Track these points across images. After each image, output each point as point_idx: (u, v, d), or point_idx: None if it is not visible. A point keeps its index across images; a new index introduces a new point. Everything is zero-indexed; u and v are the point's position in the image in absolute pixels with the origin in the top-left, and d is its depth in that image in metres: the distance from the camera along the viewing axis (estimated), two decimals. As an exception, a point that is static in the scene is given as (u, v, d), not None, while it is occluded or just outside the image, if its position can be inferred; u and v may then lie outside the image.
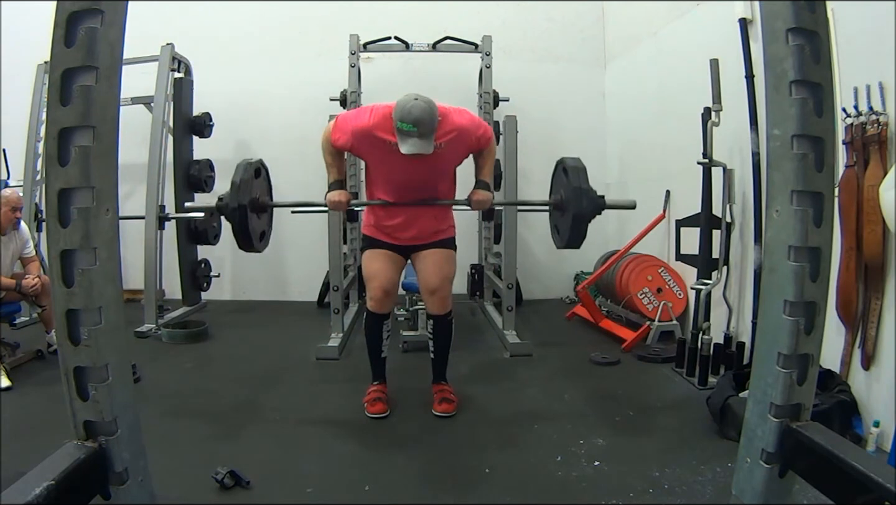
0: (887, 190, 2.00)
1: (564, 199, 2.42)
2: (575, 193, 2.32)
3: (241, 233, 2.34)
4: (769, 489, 1.44)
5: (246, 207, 2.31)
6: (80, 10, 1.16)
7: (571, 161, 2.44)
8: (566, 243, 2.47)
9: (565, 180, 2.42)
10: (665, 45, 4.17)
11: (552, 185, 2.62)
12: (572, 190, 2.34)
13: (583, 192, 2.32)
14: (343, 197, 2.49)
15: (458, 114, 2.45)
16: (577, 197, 2.32)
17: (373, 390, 2.66)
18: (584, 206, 2.31)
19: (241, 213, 2.29)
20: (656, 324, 3.66)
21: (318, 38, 5.15)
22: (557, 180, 2.56)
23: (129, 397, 1.36)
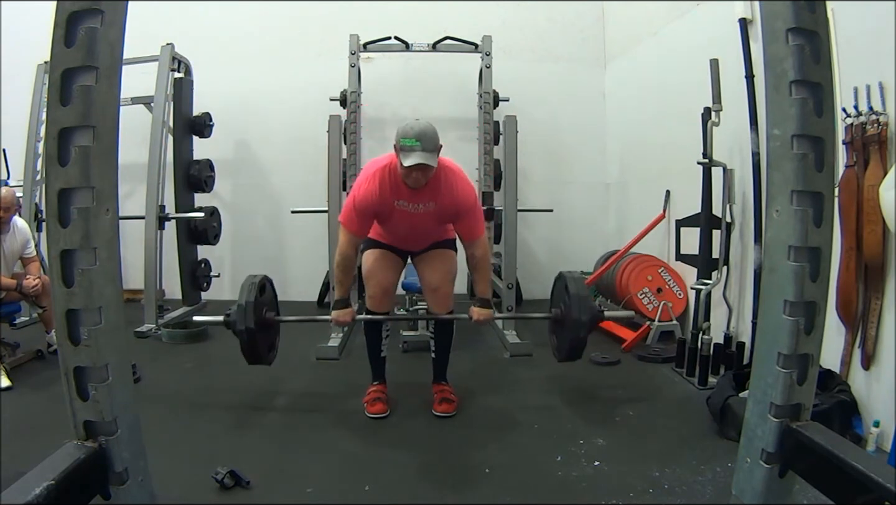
0: (887, 190, 2.00)
1: (563, 315, 2.55)
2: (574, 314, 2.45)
3: (251, 351, 2.47)
4: (769, 489, 1.44)
5: (254, 329, 2.42)
6: (80, 10, 1.17)
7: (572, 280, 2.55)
8: (566, 357, 2.61)
9: (566, 297, 2.53)
10: (665, 45, 4.17)
11: (552, 296, 2.74)
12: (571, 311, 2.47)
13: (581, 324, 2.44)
14: (348, 317, 2.57)
15: (457, 177, 2.46)
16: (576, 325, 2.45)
17: (373, 390, 2.66)
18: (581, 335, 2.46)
19: (248, 334, 2.41)
20: (656, 324, 3.66)
21: (318, 38, 5.15)
22: (558, 294, 2.66)
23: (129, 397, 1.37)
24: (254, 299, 2.43)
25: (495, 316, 2.69)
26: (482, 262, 2.54)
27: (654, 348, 3.49)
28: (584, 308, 2.45)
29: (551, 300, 2.73)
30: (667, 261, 3.95)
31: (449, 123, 5.05)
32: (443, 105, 5.11)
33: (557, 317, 2.61)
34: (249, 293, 2.44)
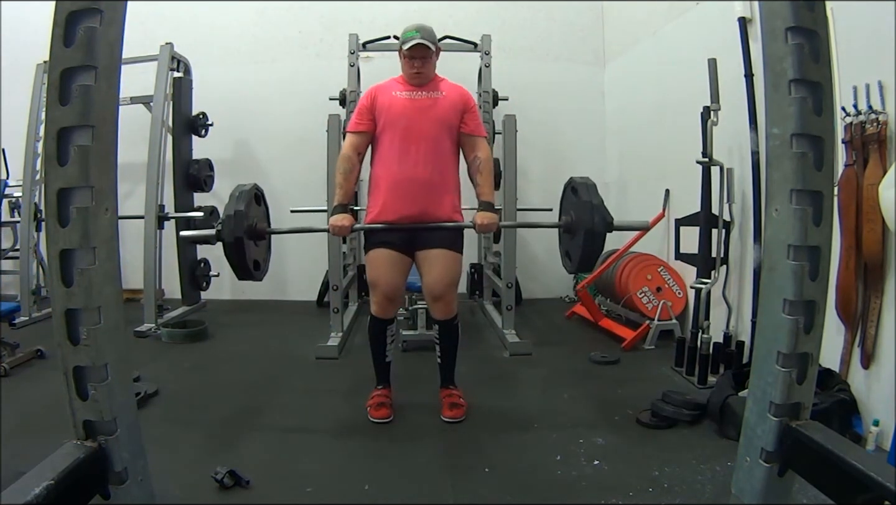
0: (887, 189, 2.00)
1: (574, 219, 2.35)
2: (586, 209, 2.24)
3: (239, 263, 2.28)
4: (769, 488, 1.44)
5: (242, 238, 2.23)
6: (79, 10, 1.17)
7: (580, 179, 2.39)
8: (577, 266, 2.41)
9: (574, 199, 2.36)
10: (664, 44, 4.17)
11: (561, 206, 2.54)
12: (583, 207, 2.26)
13: (594, 207, 2.24)
14: (346, 221, 2.47)
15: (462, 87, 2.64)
16: (589, 214, 2.23)
17: (377, 395, 2.63)
18: (595, 223, 2.22)
19: (237, 244, 2.22)
20: (656, 323, 3.66)
21: (317, 38, 5.15)
22: (567, 201, 2.49)
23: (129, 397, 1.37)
24: (244, 208, 2.24)
25: (500, 223, 2.63)
26: (485, 163, 2.55)
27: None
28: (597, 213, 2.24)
29: (561, 208, 2.54)
30: (666, 260, 3.95)
31: (448, 123, 5.05)
32: (442, 104, 5.11)
33: (568, 225, 2.44)
34: (239, 202, 2.25)
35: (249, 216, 2.27)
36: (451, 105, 2.52)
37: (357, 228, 2.56)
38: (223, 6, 5.09)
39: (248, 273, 2.33)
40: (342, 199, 2.50)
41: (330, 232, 2.49)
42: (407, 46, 2.43)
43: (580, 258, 2.33)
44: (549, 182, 5.29)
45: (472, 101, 2.60)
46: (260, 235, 2.38)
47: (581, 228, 2.27)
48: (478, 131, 2.58)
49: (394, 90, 2.54)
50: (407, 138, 2.47)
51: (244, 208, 2.23)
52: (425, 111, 2.49)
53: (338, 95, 4.46)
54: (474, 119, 2.58)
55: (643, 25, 4.47)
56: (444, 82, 2.59)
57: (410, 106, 2.49)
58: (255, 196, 2.37)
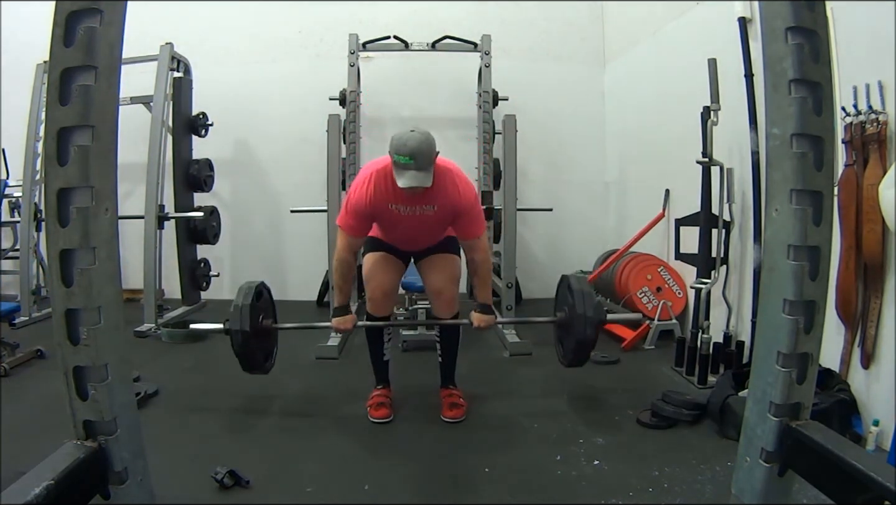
0: (887, 189, 2.00)
1: (568, 315, 2.50)
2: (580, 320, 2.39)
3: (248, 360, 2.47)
4: (769, 488, 1.44)
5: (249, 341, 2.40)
6: (80, 10, 1.16)
7: (576, 281, 2.51)
8: (570, 363, 2.57)
9: (569, 298, 2.48)
10: (664, 44, 4.17)
11: (556, 300, 2.69)
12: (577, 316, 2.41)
13: (588, 319, 2.38)
14: (349, 324, 2.54)
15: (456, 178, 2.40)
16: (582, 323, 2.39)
17: (376, 395, 2.64)
18: (588, 334, 2.40)
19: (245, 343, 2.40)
20: (656, 323, 3.66)
21: (317, 38, 5.15)
22: (561, 297, 2.61)
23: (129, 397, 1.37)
24: (249, 305, 2.41)
25: (497, 321, 2.66)
26: (483, 266, 2.50)
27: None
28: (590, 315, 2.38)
29: (555, 303, 2.69)
30: (666, 260, 3.95)
31: (448, 123, 5.05)
32: (442, 104, 5.11)
33: (562, 321, 2.55)
34: (245, 299, 2.43)
35: (255, 317, 2.44)
36: (443, 216, 2.44)
37: (360, 325, 2.62)
38: (223, 6, 5.09)
39: (258, 370, 2.55)
40: (343, 300, 2.55)
41: (334, 331, 2.64)
42: (401, 184, 2.19)
43: (573, 357, 2.54)
44: (549, 182, 5.33)
45: (466, 208, 2.40)
46: (266, 332, 2.57)
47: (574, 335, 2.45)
48: (470, 235, 2.47)
49: (389, 201, 2.36)
50: (403, 239, 2.58)
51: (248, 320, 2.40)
52: (419, 223, 2.44)
53: (338, 95, 4.46)
54: (467, 225, 2.45)
55: (643, 25, 4.47)
56: (439, 191, 2.34)
57: (404, 221, 2.42)
58: (259, 292, 2.54)
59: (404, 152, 2.16)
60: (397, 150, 2.18)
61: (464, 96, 4.89)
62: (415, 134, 2.20)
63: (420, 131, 2.22)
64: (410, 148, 2.16)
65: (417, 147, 2.16)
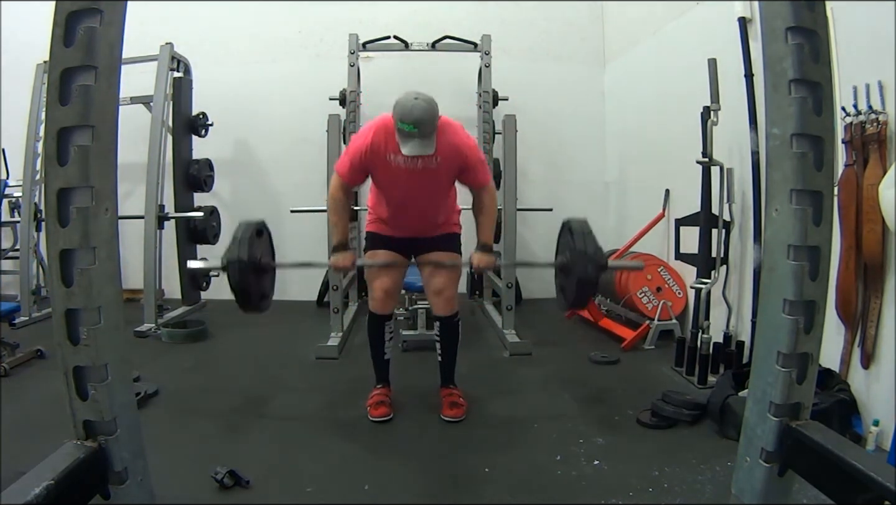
0: (887, 189, 2.00)
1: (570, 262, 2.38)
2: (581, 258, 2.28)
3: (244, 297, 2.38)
4: (769, 488, 1.44)
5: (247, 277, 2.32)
6: (80, 10, 1.16)
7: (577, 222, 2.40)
8: (571, 304, 2.45)
9: (570, 242, 2.39)
10: (664, 44, 4.17)
11: (558, 244, 2.56)
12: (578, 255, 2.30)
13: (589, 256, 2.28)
14: (348, 261, 2.50)
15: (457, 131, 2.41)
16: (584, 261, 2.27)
17: (376, 394, 2.64)
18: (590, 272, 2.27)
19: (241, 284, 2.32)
20: (656, 323, 3.66)
21: (317, 38, 5.15)
22: (563, 241, 2.51)
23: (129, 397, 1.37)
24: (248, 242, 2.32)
25: (497, 263, 2.59)
26: (490, 204, 2.50)
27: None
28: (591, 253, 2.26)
29: (557, 248, 2.54)
30: (666, 260, 3.95)
31: (448, 123, 5.05)
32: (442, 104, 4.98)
33: (563, 264, 2.44)
34: (245, 234, 2.34)
35: (253, 253, 2.35)
36: (447, 171, 2.42)
37: (360, 265, 2.56)
38: (223, 6, 5.09)
39: (255, 308, 2.45)
40: (340, 238, 2.51)
41: (332, 270, 2.53)
42: (405, 152, 2.21)
43: (574, 297, 2.39)
44: (549, 182, 5.33)
45: (472, 157, 2.42)
46: (264, 270, 2.48)
47: (576, 275, 2.32)
48: (482, 183, 2.48)
49: (388, 153, 2.34)
50: (403, 201, 2.51)
51: (248, 244, 2.31)
52: (421, 180, 2.39)
53: (338, 95, 4.47)
54: (475, 174, 2.45)
55: (643, 25, 4.47)
56: (441, 142, 2.32)
57: (406, 175, 2.37)
58: (258, 231, 2.46)
59: (408, 120, 2.17)
60: (402, 118, 2.18)
61: (464, 96, 4.89)
62: (419, 102, 2.19)
63: (424, 98, 2.22)
64: (415, 116, 2.16)
65: (422, 115, 2.17)
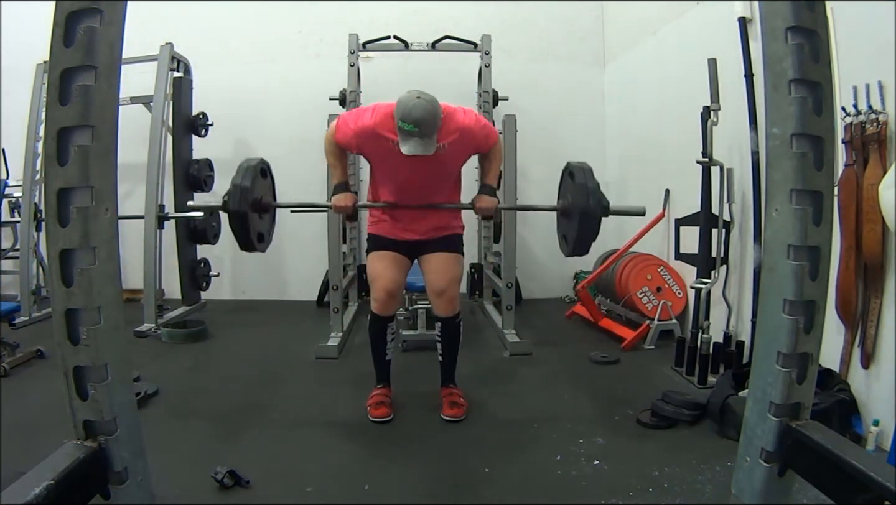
0: (887, 189, 2.00)
1: (571, 201, 2.34)
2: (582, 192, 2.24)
3: (244, 235, 2.31)
4: (769, 488, 1.44)
5: (247, 210, 2.27)
6: (80, 10, 1.16)
7: (577, 163, 2.37)
8: (573, 249, 2.39)
9: (571, 183, 2.34)
10: (664, 44, 4.17)
11: (559, 191, 2.53)
12: (579, 189, 2.26)
13: (590, 190, 2.23)
14: (349, 201, 2.47)
15: (462, 114, 2.41)
16: (585, 196, 2.22)
17: (376, 394, 2.64)
18: (591, 205, 2.21)
19: (241, 216, 2.25)
20: (656, 323, 3.66)
21: (317, 38, 5.15)
22: (564, 185, 2.48)
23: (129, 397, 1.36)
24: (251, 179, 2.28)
25: (500, 206, 2.59)
26: (495, 153, 2.51)
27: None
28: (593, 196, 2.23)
29: (559, 193, 2.53)
30: (666, 260, 3.95)
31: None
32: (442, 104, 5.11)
33: (565, 208, 2.42)
34: (247, 172, 2.29)
35: (255, 189, 2.29)
36: (455, 155, 2.40)
37: (360, 206, 2.52)
38: (223, 6, 5.09)
39: (251, 245, 2.36)
40: (340, 177, 2.49)
41: (333, 211, 2.50)
42: (405, 151, 2.19)
43: (576, 240, 2.32)
44: (550, 182, 5.25)
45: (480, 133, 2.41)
46: (265, 208, 2.41)
47: (577, 211, 2.26)
48: (490, 144, 2.48)
49: (391, 139, 2.31)
50: (404, 189, 2.48)
51: (250, 181, 2.26)
52: (425, 168, 2.36)
53: (338, 95, 4.47)
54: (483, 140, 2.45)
55: (643, 25, 4.47)
56: (448, 129, 2.31)
57: (411, 162, 2.28)
58: (262, 170, 2.39)
59: (409, 120, 2.16)
60: (403, 117, 2.18)
61: (464, 96, 4.87)
62: (421, 101, 2.18)
63: (426, 98, 2.21)
64: (416, 117, 2.16)
65: (422, 116, 2.16)
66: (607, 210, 2.27)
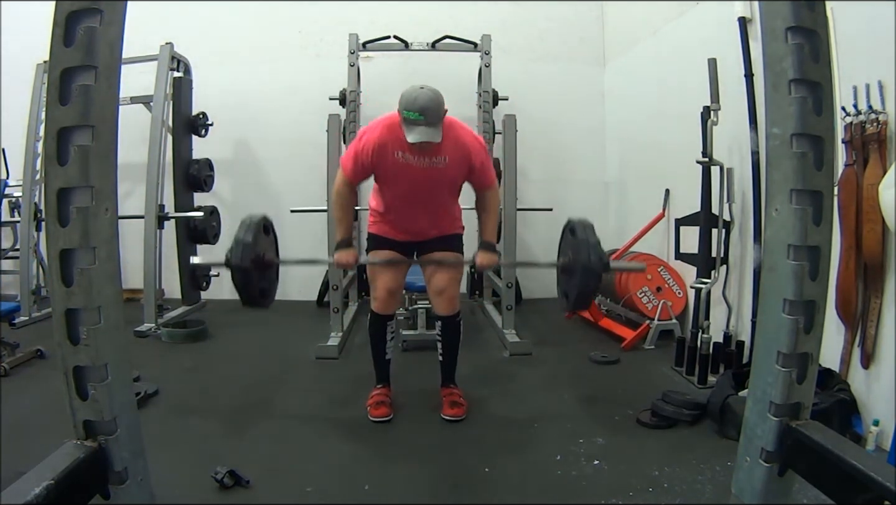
0: (886, 189, 2.00)
1: (571, 259, 2.35)
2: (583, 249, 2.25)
3: (245, 290, 2.35)
4: (769, 488, 1.44)
5: (249, 266, 2.29)
6: (80, 10, 1.16)
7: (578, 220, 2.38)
8: (574, 306, 2.43)
9: (572, 240, 2.36)
10: (664, 44, 4.17)
11: (560, 247, 2.53)
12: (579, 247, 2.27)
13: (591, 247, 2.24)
14: (351, 258, 2.50)
15: (465, 130, 2.43)
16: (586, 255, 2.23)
17: (376, 394, 2.64)
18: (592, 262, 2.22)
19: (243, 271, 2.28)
20: (656, 323, 3.66)
21: (317, 38, 5.15)
22: (565, 241, 2.49)
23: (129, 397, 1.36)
24: (252, 239, 2.30)
25: (500, 262, 2.60)
26: (493, 203, 2.51)
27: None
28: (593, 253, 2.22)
29: (559, 249, 2.51)
30: (666, 260, 3.95)
31: (448, 123, 5.05)
32: (442, 104, 5.12)
33: (565, 265, 2.41)
34: (248, 232, 2.32)
35: (257, 245, 2.33)
36: (455, 171, 2.42)
37: (362, 263, 2.56)
38: (223, 6, 5.09)
39: (254, 301, 2.40)
40: (344, 234, 2.51)
41: (335, 267, 2.55)
42: (410, 140, 2.19)
43: (576, 297, 2.35)
44: (549, 182, 5.33)
45: (479, 157, 2.42)
46: (267, 266, 2.45)
47: (577, 269, 2.28)
48: (487, 184, 2.50)
49: (395, 150, 2.34)
50: (408, 199, 2.50)
51: (252, 237, 2.29)
52: (428, 179, 2.39)
53: (338, 95, 4.47)
54: (481, 175, 2.47)
55: (643, 25, 4.47)
56: (449, 140, 2.34)
57: (412, 173, 2.36)
58: (264, 227, 2.44)
59: (414, 108, 2.18)
60: (407, 107, 2.19)
61: (464, 96, 4.88)
62: (424, 91, 2.21)
63: (429, 88, 2.24)
64: (420, 104, 2.17)
65: (427, 103, 2.18)
66: (608, 266, 2.30)
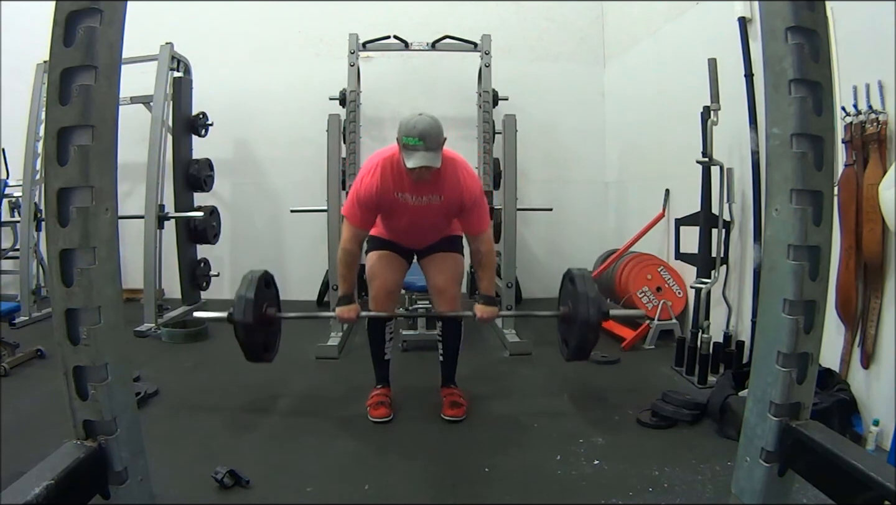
0: (886, 189, 2.00)
1: (571, 309, 2.43)
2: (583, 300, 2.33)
3: (249, 344, 2.40)
4: (769, 488, 1.44)
5: (251, 321, 2.34)
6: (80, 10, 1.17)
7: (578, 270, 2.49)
8: (573, 355, 2.50)
9: (572, 290, 2.43)
10: (664, 44, 4.17)
11: (560, 296, 2.62)
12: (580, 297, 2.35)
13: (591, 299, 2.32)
14: (353, 313, 2.51)
15: (465, 170, 2.44)
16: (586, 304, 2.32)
17: (376, 394, 2.64)
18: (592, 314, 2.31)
19: (246, 327, 2.34)
20: (656, 323, 3.66)
21: (317, 38, 5.15)
22: (565, 291, 2.57)
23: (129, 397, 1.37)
24: (254, 295, 2.37)
25: (500, 314, 2.65)
26: (487, 257, 2.52)
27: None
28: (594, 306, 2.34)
29: (559, 298, 2.65)
30: (666, 260, 3.95)
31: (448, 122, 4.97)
32: (442, 104, 5.10)
33: (566, 315, 2.51)
34: (249, 288, 2.39)
35: (259, 300, 2.39)
36: (448, 208, 2.45)
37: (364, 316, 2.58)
38: (223, 6, 5.09)
39: (257, 356, 2.47)
40: (347, 290, 2.52)
41: (338, 321, 2.62)
42: (410, 165, 2.20)
43: (576, 347, 2.45)
44: (549, 182, 5.33)
45: (471, 200, 2.43)
46: (269, 321, 2.52)
47: (578, 319, 2.36)
48: (478, 230, 2.49)
49: (396, 190, 2.38)
50: (406, 231, 2.56)
51: (254, 293, 2.36)
52: (426, 214, 2.44)
53: (338, 95, 4.46)
54: (471, 218, 2.47)
55: (643, 25, 4.47)
56: (446, 181, 2.38)
57: (409, 211, 2.43)
58: (266, 281, 2.50)
59: (413, 134, 2.19)
60: (406, 133, 2.21)
61: (464, 96, 4.89)
62: (423, 117, 2.24)
63: (428, 115, 2.26)
64: (420, 130, 2.19)
65: (426, 129, 2.20)
66: (607, 315, 2.41)
